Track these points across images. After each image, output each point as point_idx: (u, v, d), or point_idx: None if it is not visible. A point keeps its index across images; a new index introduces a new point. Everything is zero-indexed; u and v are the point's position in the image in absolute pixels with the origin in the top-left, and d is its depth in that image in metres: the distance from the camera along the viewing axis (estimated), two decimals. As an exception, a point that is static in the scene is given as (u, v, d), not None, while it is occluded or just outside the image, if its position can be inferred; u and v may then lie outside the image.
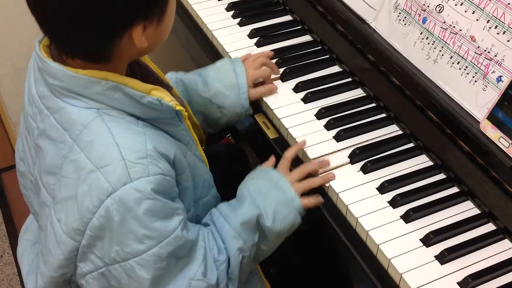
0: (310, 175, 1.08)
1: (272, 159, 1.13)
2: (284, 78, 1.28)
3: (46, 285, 0.97)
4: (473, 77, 1.03)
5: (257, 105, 1.26)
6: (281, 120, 1.19)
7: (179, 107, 0.93)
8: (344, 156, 1.12)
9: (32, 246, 1.17)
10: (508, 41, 0.98)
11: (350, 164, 1.11)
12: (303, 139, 1.13)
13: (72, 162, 0.87)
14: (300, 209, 1.03)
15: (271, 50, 1.33)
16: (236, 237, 0.98)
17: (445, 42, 1.08)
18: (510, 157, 0.96)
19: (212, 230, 1.00)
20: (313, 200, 1.05)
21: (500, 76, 0.99)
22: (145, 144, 0.87)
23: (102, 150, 0.86)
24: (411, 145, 1.15)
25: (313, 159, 1.11)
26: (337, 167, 1.10)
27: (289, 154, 1.10)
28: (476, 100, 1.03)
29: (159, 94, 0.90)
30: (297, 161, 1.12)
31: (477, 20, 1.03)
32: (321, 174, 1.08)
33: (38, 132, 0.93)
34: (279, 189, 1.03)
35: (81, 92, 0.87)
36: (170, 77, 1.23)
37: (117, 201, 0.84)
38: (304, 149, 1.12)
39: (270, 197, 1.02)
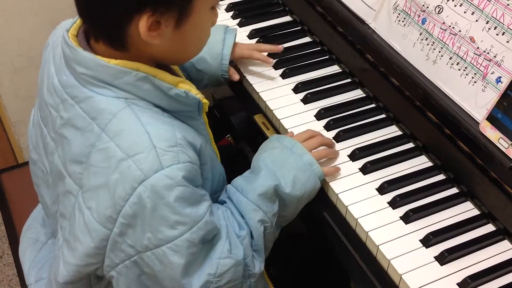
0: None
1: (290, 133, 1.15)
2: (283, 78, 1.28)
3: (69, 274, 0.97)
4: (473, 77, 1.03)
5: (257, 106, 1.26)
6: (280, 120, 1.19)
7: (205, 100, 0.95)
8: (343, 157, 1.12)
9: (34, 243, 1.18)
10: (507, 42, 0.98)
11: (349, 164, 1.11)
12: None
13: (101, 151, 0.88)
14: (320, 174, 1.04)
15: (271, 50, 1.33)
16: (256, 209, 0.99)
17: (445, 43, 1.08)
18: (509, 157, 0.96)
19: (230, 206, 1.01)
20: (333, 169, 1.07)
21: (500, 77, 0.99)
22: (174, 132, 0.88)
23: (132, 139, 0.87)
24: (410, 145, 1.15)
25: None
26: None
27: (309, 131, 1.12)
28: (475, 101, 1.03)
29: (186, 86, 0.92)
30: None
31: (477, 21, 1.03)
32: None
33: (61, 122, 0.93)
34: (295, 154, 1.04)
35: (111, 81, 0.88)
36: None
37: (149, 189, 0.85)
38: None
39: (287, 164, 1.02)
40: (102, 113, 0.88)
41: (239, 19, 1.43)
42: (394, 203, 1.04)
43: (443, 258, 0.96)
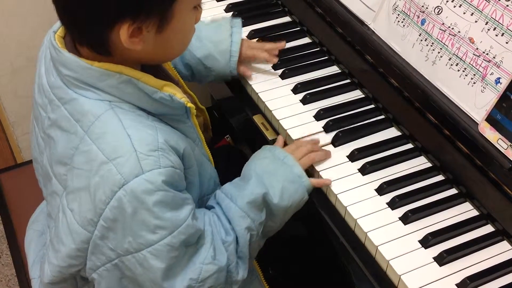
0: None
1: (280, 139, 1.15)
2: (283, 79, 1.28)
3: (53, 274, 0.97)
4: (472, 78, 1.03)
5: (256, 106, 1.26)
6: (279, 121, 1.19)
7: (190, 104, 0.95)
8: (342, 157, 1.12)
9: (40, 236, 1.18)
10: (506, 43, 0.98)
11: (348, 165, 1.11)
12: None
13: (84, 153, 0.88)
14: (308, 186, 1.04)
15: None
16: (244, 217, 0.99)
17: (444, 44, 1.08)
18: (508, 158, 0.96)
19: (217, 212, 1.01)
20: (321, 182, 1.07)
21: (499, 78, 0.99)
22: (156, 136, 0.88)
23: (114, 142, 0.87)
24: (409, 146, 1.15)
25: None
26: (335, 168, 1.11)
27: (298, 142, 1.12)
28: (474, 102, 1.03)
29: (171, 90, 0.92)
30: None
31: (476, 22, 1.03)
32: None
33: (49, 123, 0.94)
34: (285, 165, 1.04)
35: (95, 84, 0.88)
36: None
37: (129, 193, 0.85)
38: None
39: (277, 174, 1.03)
40: (85, 115, 0.88)
41: (239, 19, 1.42)
42: (393, 204, 1.04)
43: (442, 259, 0.96)
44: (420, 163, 1.12)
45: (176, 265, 0.91)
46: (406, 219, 1.02)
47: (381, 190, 1.06)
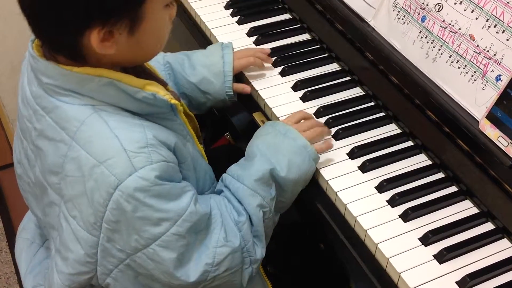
0: None
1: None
2: (282, 76, 1.28)
3: (63, 284, 0.97)
4: (472, 76, 1.03)
5: (256, 104, 1.26)
6: (279, 118, 1.19)
7: (174, 101, 0.94)
8: (342, 155, 1.12)
9: (30, 245, 1.17)
10: (507, 40, 0.98)
11: (348, 163, 1.11)
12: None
13: (74, 160, 0.88)
14: (314, 155, 1.05)
15: (270, 49, 1.33)
16: (254, 195, 0.99)
17: (444, 41, 1.08)
18: (509, 156, 0.96)
19: (227, 195, 1.01)
20: (324, 145, 1.08)
21: (499, 75, 0.99)
22: (144, 133, 0.88)
23: (102, 144, 0.86)
24: (409, 144, 1.15)
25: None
26: (335, 165, 1.10)
27: (301, 113, 1.13)
28: (475, 99, 1.03)
29: (153, 88, 0.91)
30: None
31: (476, 19, 1.03)
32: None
33: (36, 133, 0.93)
34: (288, 139, 1.04)
35: (76, 89, 0.88)
36: (158, 58, 1.23)
37: (125, 192, 0.85)
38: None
39: (281, 148, 1.03)
40: (70, 121, 0.88)
41: (238, 16, 1.42)
42: (393, 201, 1.04)
43: (442, 257, 0.96)
44: (420, 160, 1.11)
45: (188, 253, 0.91)
46: (406, 216, 1.01)
47: (381, 187, 1.06)
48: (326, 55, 1.33)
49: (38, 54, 0.90)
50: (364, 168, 1.09)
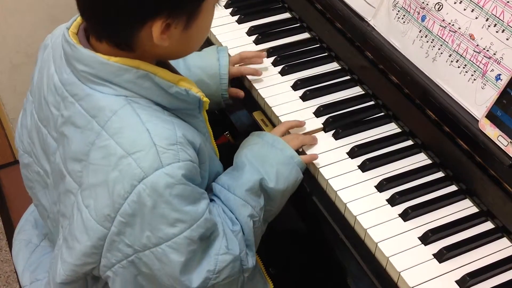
0: None
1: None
2: (282, 75, 1.28)
3: (67, 273, 0.96)
4: (472, 75, 1.03)
5: (256, 103, 1.26)
6: (279, 118, 1.19)
7: (205, 99, 0.95)
8: (342, 154, 1.12)
9: (27, 245, 1.17)
10: (507, 39, 0.98)
11: (348, 162, 1.11)
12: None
13: (101, 148, 0.88)
14: (301, 165, 1.06)
15: (270, 48, 1.33)
16: (245, 205, 1.00)
17: (444, 40, 1.08)
18: (508, 155, 0.96)
19: (220, 204, 1.02)
20: (308, 157, 1.10)
21: (499, 75, 0.99)
22: (174, 131, 0.88)
23: (132, 136, 0.87)
24: (409, 143, 1.15)
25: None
26: (335, 164, 1.10)
27: (288, 123, 1.14)
28: (475, 99, 1.03)
29: (187, 85, 0.92)
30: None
31: (476, 18, 1.03)
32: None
33: (62, 120, 0.93)
34: (276, 149, 1.05)
35: (111, 79, 0.88)
36: None
37: (149, 187, 0.85)
38: (302, 147, 1.12)
39: (269, 159, 1.04)
40: (102, 110, 0.88)
41: (238, 15, 1.42)
42: (393, 201, 1.04)
43: (441, 256, 0.96)
44: (420, 159, 1.12)
45: (193, 259, 0.91)
46: (406, 215, 1.02)
47: (381, 186, 1.06)
48: (326, 54, 1.33)
49: (76, 42, 0.90)
50: (364, 167, 1.09)
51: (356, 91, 1.25)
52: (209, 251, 0.93)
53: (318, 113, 1.19)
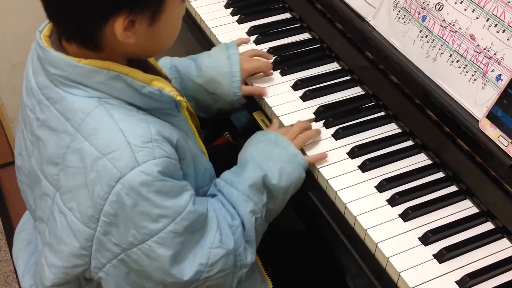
0: None
1: (275, 122, 1.17)
2: (282, 75, 1.28)
3: (57, 276, 0.97)
4: (473, 75, 1.03)
5: (256, 103, 1.26)
6: (279, 118, 1.19)
7: (179, 98, 0.94)
8: (342, 154, 1.12)
9: (27, 245, 1.17)
10: (507, 39, 0.98)
11: (348, 162, 1.11)
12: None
13: (77, 151, 0.88)
14: (305, 164, 1.06)
15: (270, 48, 1.33)
16: (247, 200, 1.01)
17: (445, 41, 1.08)
18: (509, 156, 0.96)
19: (221, 199, 1.02)
20: (316, 157, 1.09)
21: (500, 75, 0.99)
22: (148, 128, 0.88)
23: (106, 137, 0.87)
24: (410, 143, 1.14)
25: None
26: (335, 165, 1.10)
27: (288, 126, 1.15)
28: (475, 99, 1.03)
29: (159, 84, 0.91)
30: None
31: (477, 18, 1.03)
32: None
33: (37, 124, 0.93)
34: (280, 147, 1.06)
35: (83, 81, 0.88)
36: (164, 62, 1.24)
37: (127, 186, 0.85)
38: (302, 147, 1.12)
39: (272, 156, 1.04)
40: (75, 113, 0.88)
41: (238, 15, 1.42)
42: (393, 201, 1.04)
43: (441, 256, 0.96)
44: (420, 160, 1.11)
45: (183, 251, 0.92)
46: (406, 216, 1.01)
47: (381, 187, 1.06)
48: (326, 54, 1.33)
49: (47, 45, 0.90)
50: (364, 167, 1.09)
51: (356, 91, 1.25)
52: (203, 244, 0.94)
53: (318, 113, 1.19)
